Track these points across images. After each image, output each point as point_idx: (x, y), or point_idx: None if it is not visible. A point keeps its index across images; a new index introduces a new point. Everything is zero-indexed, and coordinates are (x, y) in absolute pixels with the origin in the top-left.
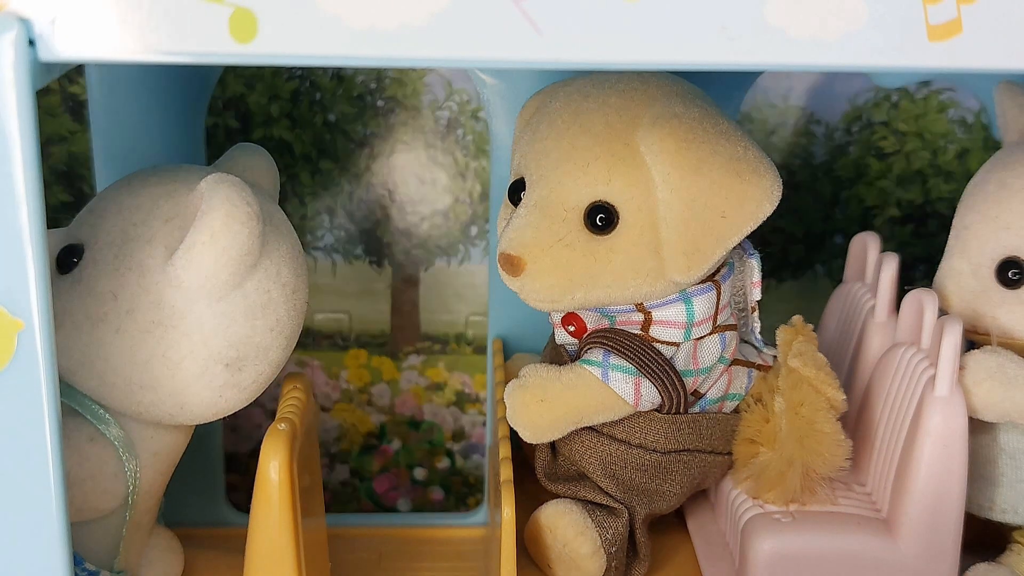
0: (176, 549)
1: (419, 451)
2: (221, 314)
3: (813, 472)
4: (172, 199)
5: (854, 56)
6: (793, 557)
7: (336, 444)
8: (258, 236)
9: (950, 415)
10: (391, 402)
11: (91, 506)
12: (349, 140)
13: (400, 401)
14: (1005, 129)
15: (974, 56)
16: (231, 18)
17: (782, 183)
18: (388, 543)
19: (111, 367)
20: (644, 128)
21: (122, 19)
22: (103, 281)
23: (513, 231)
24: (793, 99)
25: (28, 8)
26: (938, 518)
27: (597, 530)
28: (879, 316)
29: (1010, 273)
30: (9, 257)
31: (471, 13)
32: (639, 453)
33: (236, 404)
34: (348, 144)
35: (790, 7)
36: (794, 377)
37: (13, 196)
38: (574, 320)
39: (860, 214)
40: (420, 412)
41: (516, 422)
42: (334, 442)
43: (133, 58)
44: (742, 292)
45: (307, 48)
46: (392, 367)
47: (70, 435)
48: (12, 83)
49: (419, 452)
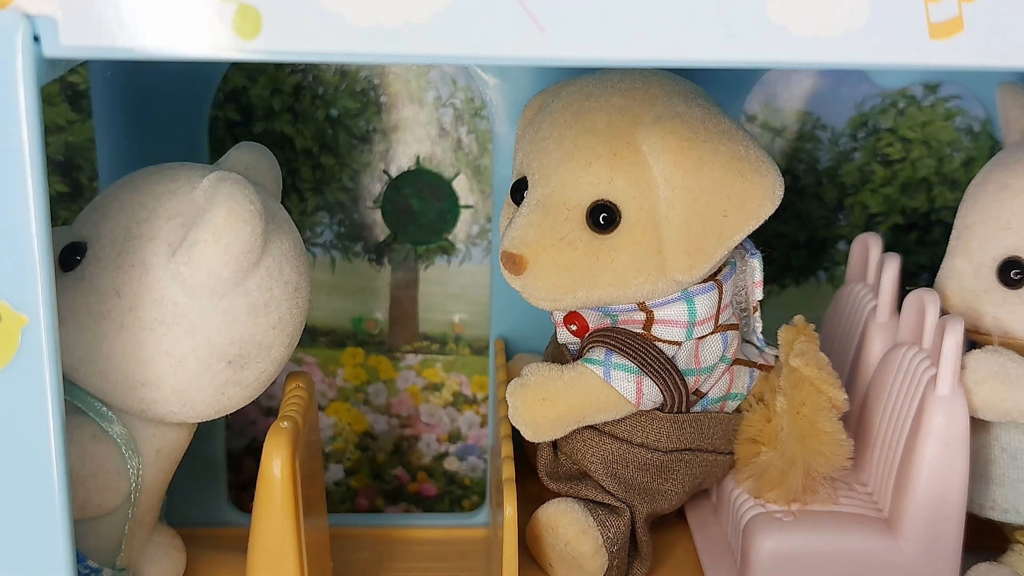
0: (178, 547)
1: (414, 452)
2: (223, 312)
3: (814, 472)
4: (175, 197)
5: (855, 54)
6: (794, 556)
7: (331, 443)
8: (260, 234)
9: (951, 415)
10: (387, 401)
11: (94, 503)
12: (351, 135)
13: (397, 401)
14: (1007, 130)
15: (975, 54)
16: (235, 15)
17: (784, 184)
18: (390, 543)
19: (114, 364)
20: (646, 127)
21: (126, 16)
22: (106, 278)
23: (515, 230)
24: (798, 103)
25: (33, 4)
26: (939, 518)
27: (599, 529)
28: (881, 316)
29: (1011, 273)
30: (14, 253)
31: (474, 10)
32: (641, 452)
33: (238, 402)
34: (350, 140)
35: (792, 5)
36: (796, 377)
37: (18, 192)
38: (576, 319)
39: (864, 221)
40: (417, 412)
41: (518, 421)
42: (329, 441)
43: (137, 55)
44: (744, 291)
45: (310, 45)
46: (389, 366)
47: (73, 432)
48: (17, 79)
49: (414, 453)
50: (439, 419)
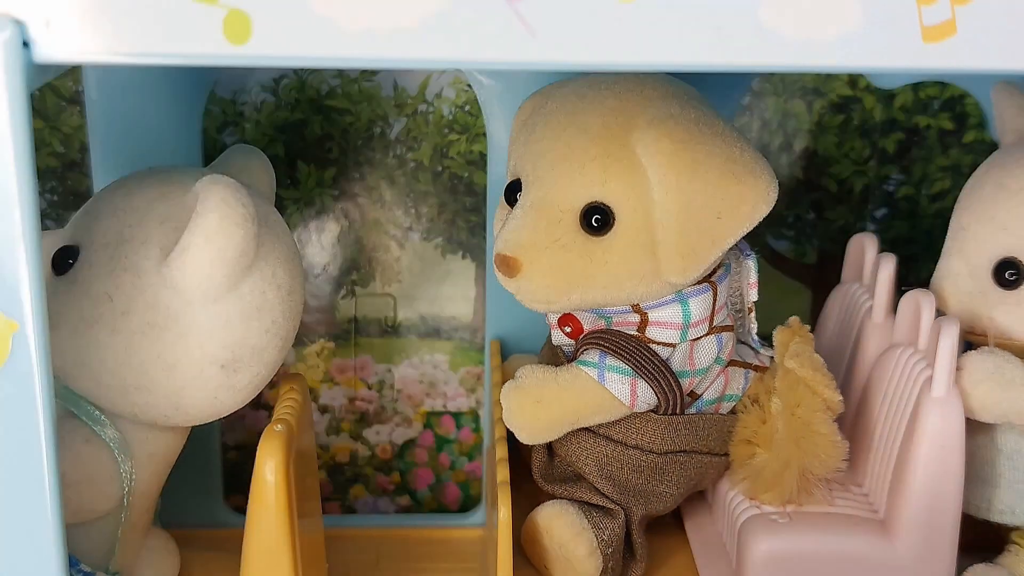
0: (172, 550)
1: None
2: (216, 316)
3: (810, 473)
4: (167, 201)
5: (848, 57)
6: (790, 558)
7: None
8: (253, 238)
9: (947, 416)
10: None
11: (87, 507)
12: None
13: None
14: (1002, 130)
15: (968, 57)
16: (225, 20)
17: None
18: (386, 544)
19: (106, 368)
20: (640, 129)
21: (116, 21)
22: (98, 283)
23: (509, 232)
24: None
25: (22, 10)
26: (935, 519)
27: (594, 531)
28: (876, 317)
29: (1007, 274)
30: (4, 258)
31: (465, 14)
32: (635, 454)
33: (231, 406)
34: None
35: (784, 9)
36: (791, 378)
37: (7, 198)
38: (570, 321)
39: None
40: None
41: (512, 423)
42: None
43: (127, 60)
44: (739, 293)
45: (301, 50)
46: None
47: (65, 436)
48: (6, 85)
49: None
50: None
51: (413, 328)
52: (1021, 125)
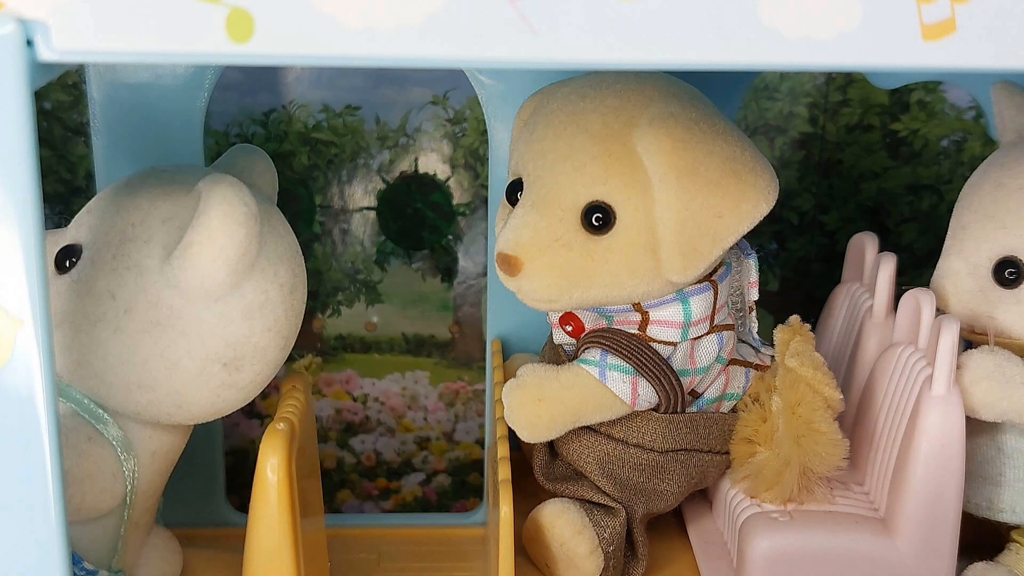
0: (174, 549)
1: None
2: (219, 314)
3: (810, 471)
4: (170, 199)
5: (848, 56)
6: (790, 556)
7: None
8: (255, 236)
9: (947, 414)
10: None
11: (89, 506)
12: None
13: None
14: (1002, 129)
15: (968, 55)
16: (228, 18)
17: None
18: (388, 543)
19: (109, 367)
20: (641, 128)
21: (119, 19)
22: (101, 281)
23: (510, 231)
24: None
25: (26, 8)
26: (935, 517)
27: (595, 529)
28: (877, 316)
29: (1007, 273)
30: (7, 257)
31: (466, 13)
32: (636, 452)
33: (234, 404)
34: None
35: (784, 7)
36: (791, 377)
37: (11, 196)
38: (572, 320)
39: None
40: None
41: (514, 421)
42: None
43: (130, 59)
44: (739, 292)
45: (303, 48)
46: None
47: (68, 435)
48: (10, 83)
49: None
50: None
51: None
52: (1021, 124)
